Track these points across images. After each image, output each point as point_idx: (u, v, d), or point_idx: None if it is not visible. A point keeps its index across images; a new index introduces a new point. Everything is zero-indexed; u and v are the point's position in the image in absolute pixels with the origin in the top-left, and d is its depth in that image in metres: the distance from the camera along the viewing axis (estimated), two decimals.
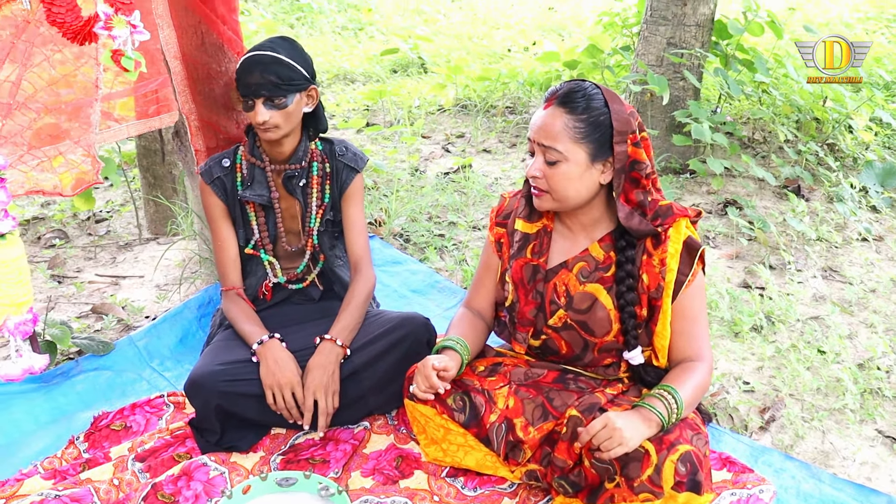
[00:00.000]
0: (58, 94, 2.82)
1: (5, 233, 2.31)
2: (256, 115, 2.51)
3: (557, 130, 2.14)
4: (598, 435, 2.01)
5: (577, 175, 2.17)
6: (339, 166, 2.76)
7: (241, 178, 2.70)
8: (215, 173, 2.69)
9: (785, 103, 4.95)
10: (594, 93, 2.18)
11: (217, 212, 2.71)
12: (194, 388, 2.43)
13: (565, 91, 2.18)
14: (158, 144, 4.08)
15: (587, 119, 2.14)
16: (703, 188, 4.63)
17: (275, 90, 2.50)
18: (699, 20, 4.61)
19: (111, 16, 2.22)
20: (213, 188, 2.69)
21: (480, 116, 5.97)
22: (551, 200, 2.23)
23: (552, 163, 2.17)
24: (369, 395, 2.59)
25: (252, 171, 2.70)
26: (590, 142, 2.15)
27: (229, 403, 2.45)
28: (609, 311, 2.26)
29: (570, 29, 9.05)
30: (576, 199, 2.22)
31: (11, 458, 2.54)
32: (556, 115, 2.16)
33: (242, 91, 2.52)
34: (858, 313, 3.42)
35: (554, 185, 2.19)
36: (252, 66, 2.50)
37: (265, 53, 2.52)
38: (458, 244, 4.03)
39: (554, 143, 2.14)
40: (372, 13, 10.29)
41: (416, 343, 2.57)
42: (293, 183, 2.70)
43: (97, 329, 3.33)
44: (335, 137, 2.82)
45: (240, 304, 2.69)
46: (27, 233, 4.32)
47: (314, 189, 2.73)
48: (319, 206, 2.75)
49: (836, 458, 2.58)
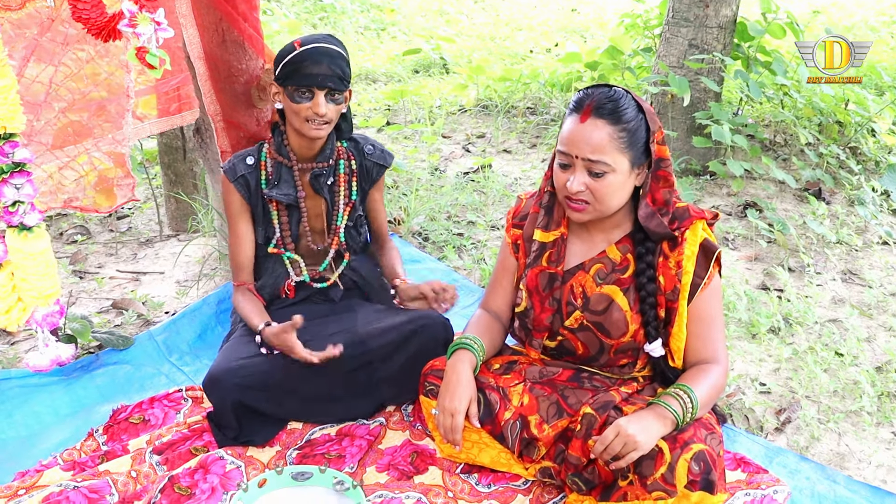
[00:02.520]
0: (82, 93, 2.85)
1: (32, 225, 2.34)
2: (318, 106, 2.50)
3: (604, 143, 2.10)
4: (612, 445, 2.02)
5: (621, 184, 2.16)
6: (369, 164, 2.78)
7: (265, 177, 2.69)
8: (239, 171, 2.68)
9: (806, 106, 4.93)
10: (626, 100, 2.15)
11: (237, 209, 2.71)
12: (212, 385, 2.46)
13: (601, 101, 2.12)
14: (180, 142, 4.12)
15: (627, 127, 2.12)
16: (724, 190, 4.61)
17: (339, 84, 2.51)
18: (721, 22, 4.60)
19: (136, 13, 2.23)
20: (236, 186, 2.67)
21: (501, 117, 5.98)
22: (594, 211, 2.20)
23: (599, 175, 2.13)
24: (382, 385, 2.61)
25: (278, 169, 2.69)
26: (632, 149, 2.13)
27: (245, 398, 2.47)
28: (625, 313, 2.26)
29: (592, 31, 9.03)
30: (617, 207, 2.21)
31: (32, 450, 2.57)
32: (598, 127, 2.11)
33: (301, 81, 2.49)
34: (877, 316, 3.41)
35: (600, 197, 2.16)
36: (320, 57, 2.48)
37: (331, 47, 2.51)
38: (476, 243, 4.04)
39: (601, 157, 2.11)
40: (395, 13, 10.30)
41: (432, 339, 2.57)
42: (320, 182, 2.70)
43: (117, 324, 3.37)
44: (358, 135, 2.83)
45: (249, 296, 2.71)
46: (50, 228, 4.36)
47: (342, 187, 2.74)
48: (347, 203, 2.76)
49: (852, 460, 2.57)
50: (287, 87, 2.53)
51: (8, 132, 2.25)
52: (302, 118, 2.54)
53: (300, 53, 2.50)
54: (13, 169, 2.28)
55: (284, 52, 2.55)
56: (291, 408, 2.57)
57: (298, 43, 2.52)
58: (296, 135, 2.64)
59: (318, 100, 2.50)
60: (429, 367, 2.43)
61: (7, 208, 2.30)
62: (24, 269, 2.36)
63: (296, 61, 2.49)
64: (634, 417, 2.06)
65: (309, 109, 2.51)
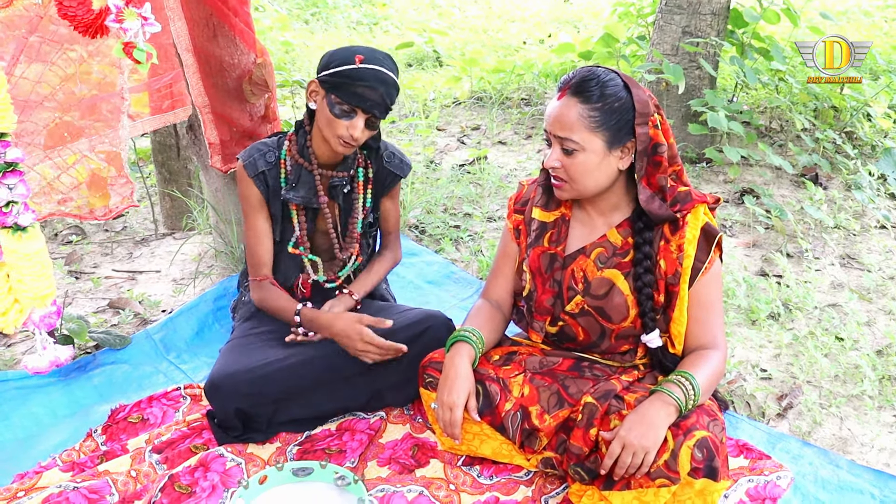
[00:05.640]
0: (72, 92, 2.84)
1: (26, 226, 2.32)
2: (355, 129, 2.43)
3: (572, 121, 2.13)
4: (622, 459, 2.01)
5: (596, 164, 2.16)
6: (385, 172, 2.73)
7: (285, 176, 2.63)
8: (260, 167, 2.61)
9: (802, 91, 4.91)
10: (608, 79, 2.15)
11: (256, 204, 2.64)
12: (213, 391, 2.43)
13: (578, 80, 2.15)
14: (173, 139, 4.10)
15: (602, 107, 2.12)
16: (720, 177, 4.60)
17: (383, 113, 2.44)
18: (714, 8, 4.58)
19: (122, 8, 2.22)
20: (255, 182, 2.61)
21: (496, 108, 5.96)
22: (571, 189, 2.22)
23: (569, 153, 2.16)
24: (386, 392, 2.60)
25: (298, 171, 2.62)
26: (605, 129, 2.13)
27: (247, 405, 2.45)
28: (626, 297, 2.26)
29: (585, 21, 9.02)
30: (595, 187, 2.21)
31: (30, 451, 2.56)
32: (570, 106, 2.14)
33: (350, 99, 2.40)
34: (877, 300, 3.40)
35: (572, 175, 2.18)
36: (377, 84, 2.39)
37: (390, 74, 2.42)
38: (473, 235, 4.03)
39: (569, 134, 2.13)
40: (387, 8, 10.28)
41: (435, 341, 2.52)
42: (338, 190, 2.66)
43: (114, 323, 3.35)
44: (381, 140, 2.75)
45: (274, 291, 2.65)
46: (45, 229, 4.34)
47: (360, 196, 2.70)
48: (361, 209, 2.73)
49: (854, 444, 2.56)
50: (331, 94, 2.44)
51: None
52: (335, 133, 2.46)
53: (359, 71, 2.39)
54: (5, 169, 2.26)
55: (341, 60, 2.42)
56: (292, 414, 2.54)
57: (360, 58, 2.40)
58: (322, 141, 2.56)
59: (357, 123, 2.43)
60: (428, 359, 2.42)
61: (1, 209, 2.28)
62: (19, 271, 2.34)
63: (352, 76, 2.40)
64: (636, 418, 2.05)
65: (346, 129, 2.44)
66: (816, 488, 2.32)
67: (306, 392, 2.52)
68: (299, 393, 2.51)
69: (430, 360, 2.41)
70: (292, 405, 2.52)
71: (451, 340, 2.34)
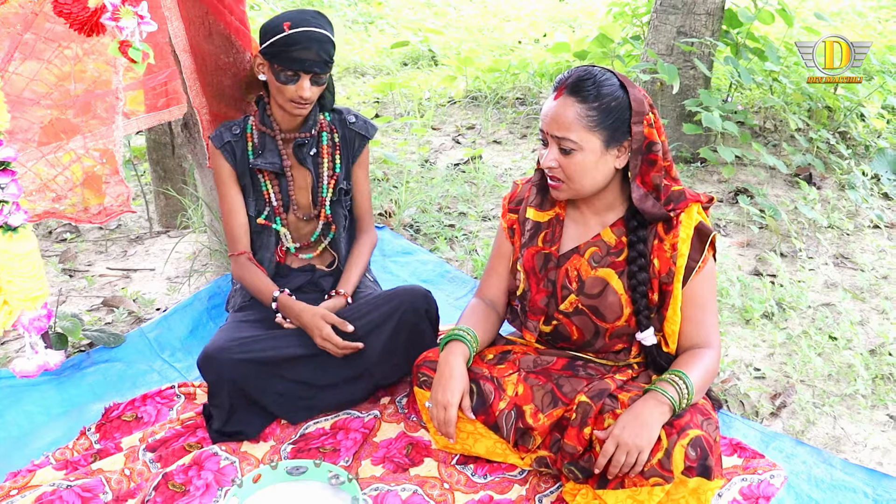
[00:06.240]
0: (67, 91, 2.83)
1: (17, 226, 2.31)
2: (303, 90, 2.53)
3: (570, 120, 2.12)
4: (617, 458, 2.02)
5: (593, 163, 2.16)
6: (350, 134, 2.80)
7: (252, 147, 2.71)
8: (225, 138, 2.70)
9: (796, 91, 4.92)
10: (604, 78, 2.15)
11: (226, 176, 2.72)
12: (207, 361, 2.45)
13: (575, 79, 2.15)
14: (168, 137, 4.10)
15: (599, 106, 2.12)
16: (714, 177, 4.61)
17: (324, 68, 2.54)
18: (709, 8, 4.59)
19: (118, 6, 2.22)
20: (222, 152, 2.69)
21: (491, 108, 5.96)
22: (568, 189, 2.22)
23: (567, 152, 2.15)
24: (373, 367, 2.60)
25: (263, 139, 2.71)
26: (603, 129, 2.13)
27: (241, 375, 2.46)
28: (620, 296, 2.26)
29: (580, 20, 9.02)
30: (592, 187, 2.21)
31: (24, 450, 2.56)
32: (567, 105, 2.13)
33: (289, 64, 2.50)
34: (870, 300, 3.41)
35: (570, 175, 2.18)
36: (309, 43, 2.49)
37: (321, 31, 2.52)
38: (468, 234, 4.03)
39: (567, 134, 2.12)
40: (382, 6, 10.28)
41: (412, 311, 2.57)
42: (304, 151, 2.72)
43: (108, 322, 3.34)
44: (342, 107, 2.84)
45: (251, 267, 2.72)
46: (39, 226, 4.33)
47: (325, 159, 2.76)
48: (331, 175, 2.77)
49: (848, 443, 2.57)
50: (273, 64, 2.54)
51: None
52: (286, 98, 2.57)
53: (290, 36, 2.49)
54: None
55: (273, 30, 2.53)
56: (285, 393, 2.55)
57: (288, 25, 2.50)
58: (279, 108, 2.66)
59: (303, 83, 2.53)
60: (422, 358, 2.42)
61: None
62: (9, 271, 2.33)
63: (284, 43, 2.50)
64: (630, 417, 2.05)
65: (294, 91, 2.54)
66: (810, 487, 2.32)
67: (295, 363, 2.55)
68: (287, 363, 2.54)
69: (425, 359, 2.41)
70: (282, 379, 2.54)
71: (445, 339, 2.34)
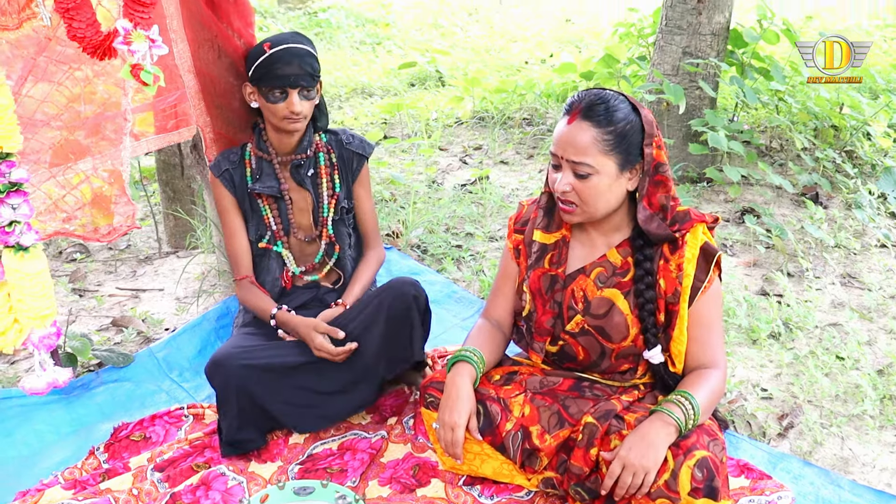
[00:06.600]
0: (77, 112, 2.86)
1: (28, 246, 2.34)
2: (293, 105, 2.60)
3: (586, 144, 2.12)
4: (622, 480, 2.02)
5: (608, 186, 2.16)
6: (348, 154, 2.85)
7: (250, 172, 2.77)
8: (223, 166, 2.77)
9: (801, 111, 4.93)
10: (618, 102, 2.16)
11: (226, 203, 2.79)
12: (215, 368, 2.48)
13: (589, 103, 2.15)
14: (177, 159, 4.13)
15: (614, 130, 2.12)
16: (721, 196, 4.62)
17: (310, 81, 2.62)
18: (714, 29, 4.61)
19: (130, 31, 2.25)
20: (221, 180, 2.76)
21: (497, 128, 5.99)
22: (582, 213, 2.21)
23: (583, 177, 2.15)
24: (374, 363, 2.62)
25: (260, 164, 2.77)
26: (618, 152, 2.14)
27: (249, 381, 2.48)
28: (626, 317, 2.26)
29: (587, 41, 9.06)
30: (605, 210, 2.22)
31: (33, 469, 2.57)
32: (583, 129, 2.13)
33: (274, 82, 2.59)
34: (878, 319, 3.41)
35: (585, 199, 2.17)
36: (290, 58, 2.59)
37: (300, 46, 2.61)
38: (475, 255, 4.04)
39: (584, 158, 2.12)
40: (390, 28, 10.35)
41: (401, 300, 2.59)
42: (301, 173, 2.77)
43: (117, 341, 3.36)
44: (337, 128, 2.91)
45: (253, 290, 2.77)
46: (49, 247, 4.36)
47: (324, 179, 2.81)
48: (332, 195, 2.82)
49: (856, 464, 2.57)
50: (261, 87, 2.63)
51: (4, 152, 2.26)
52: (279, 117, 2.64)
53: (271, 56, 2.60)
54: (9, 189, 2.28)
55: (255, 55, 2.65)
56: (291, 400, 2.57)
57: (268, 46, 2.62)
58: (274, 131, 2.72)
59: (292, 99, 2.60)
60: (429, 379, 2.43)
61: (3, 228, 2.30)
62: (20, 290, 2.36)
63: (267, 64, 2.60)
64: (636, 438, 2.05)
65: (285, 109, 2.61)
66: None
67: (297, 370, 2.57)
68: (291, 370, 2.57)
69: (432, 380, 2.42)
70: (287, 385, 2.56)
71: (452, 360, 2.35)
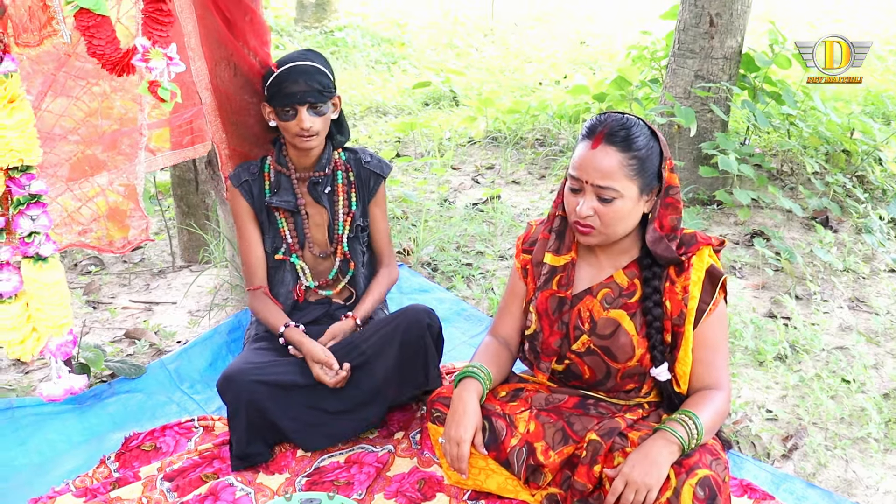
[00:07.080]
0: (95, 127, 2.91)
1: (47, 256, 2.39)
2: (302, 121, 2.65)
3: (613, 169, 2.13)
4: (625, 498, 2.04)
5: (629, 210, 2.18)
6: (366, 173, 2.90)
7: (268, 185, 2.82)
8: (243, 177, 2.82)
9: (813, 135, 4.95)
10: (638, 127, 2.18)
11: (244, 213, 2.84)
12: (226, 383, 2.52)
13: (613, 128, 2.16)
14: (192, 174, 4.18)
15: (638, 155, 2.15)
16: (731, 219, 4.64)
17: (319, 97, 2.66)
18: (726, 53, 4.65)
19: (149, 48, 2.29)
20: (240, 191, 2.82)
21: (510, 148, 6.03)
22: (600, 235, 2.23)
23: (607, 201, 2.16)
24: (384, 386, 2.66)
25: (279, 178, 2.82)
26: (641, 176, 2.16)
27: (259, 397, 2.52)
28: (632, 338, 2.28)
29: (601, 63, 9.11)
30: (623, 233, 2.24)
31: (45, 477, 2.61)
32: (609, 154, 2.14)
33: (283, 101, 2.65)
34: (885, 343, 3.41)
35: (607, 222, 2.19)
36: (297, 76, 2.64)
37: (307, 63, 2.67)
38: (485, 273, 4.07)
39: (611, 183, 2.14)
40: (405, 47, 10.43)
41: (416, 327, 2.64)
42: (318, 190, 2.82)
43: (130, 353, 3.40)
44: (357, 146, 2.95)
45: (266, 301, 2.82)
46: (64, 259, 4.41)
47: (340, 197, 2.85)
48: (347, 213, 2.86)
49: (860, 486, 2.58)
50: (274, 106, 2.70)
51: (25, 164, 2.31)
52: (292, 134, 2.70)
53: (279, 75, 2.67)
54: (29, 200, 2.33)
55: (267, 76, 2.74)
56: (299, 418, 2.60)
57: (276, 66, 2.71)
58: (292, 147, 2.78)
59: (301, 115, 2.66)
60: (436, 394, 2.46)
61: (23, 239, 2.35)
62: (38, 300, 2.40)
63: (276, 83, 2.67)
64: (639, 455, 2.07)
65: (296, 125, 2.67)
66: None
67: (306, 389, 2.61)
68: (299, 388, 2.60)
69: (438, 395, 2.45)
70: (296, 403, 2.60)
71: (459, 376, 2.38)
